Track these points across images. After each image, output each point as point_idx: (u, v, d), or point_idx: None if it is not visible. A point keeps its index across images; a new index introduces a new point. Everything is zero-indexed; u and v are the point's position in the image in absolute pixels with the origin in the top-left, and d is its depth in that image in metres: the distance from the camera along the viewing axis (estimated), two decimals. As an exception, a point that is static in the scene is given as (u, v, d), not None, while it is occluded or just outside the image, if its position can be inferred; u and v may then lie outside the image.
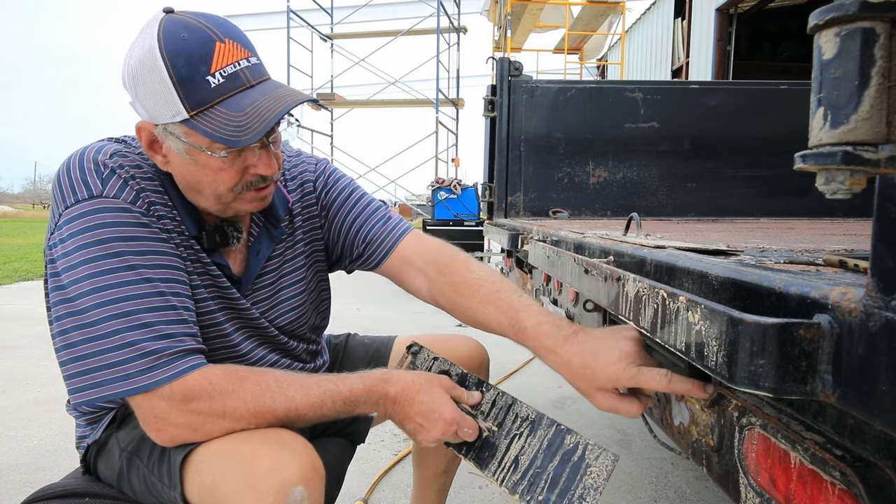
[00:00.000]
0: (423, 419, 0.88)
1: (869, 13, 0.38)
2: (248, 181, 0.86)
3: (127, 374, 0.76)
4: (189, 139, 0.81)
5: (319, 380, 0.86)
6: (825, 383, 0.45)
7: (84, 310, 0.77)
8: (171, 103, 0.78)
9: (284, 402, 0.82)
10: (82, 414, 0.98)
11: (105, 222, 0.79)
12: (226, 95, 0.79)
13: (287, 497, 0.74)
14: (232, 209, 0.89)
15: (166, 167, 0.86)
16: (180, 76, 0.76)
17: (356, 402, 0.87)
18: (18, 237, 13.21)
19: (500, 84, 2.51)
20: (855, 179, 0.40)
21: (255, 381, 0.82)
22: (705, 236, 1.23)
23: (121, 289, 0.78)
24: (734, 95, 2.55)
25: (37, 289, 6.01)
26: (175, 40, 0.77)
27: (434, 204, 6.27)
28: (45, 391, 2.84)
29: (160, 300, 0.80)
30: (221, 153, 0.82)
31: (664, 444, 1.15)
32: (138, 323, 0.77)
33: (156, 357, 0.77)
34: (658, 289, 0.64)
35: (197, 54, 0.77)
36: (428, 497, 1.39)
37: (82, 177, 0.81)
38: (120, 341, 0.76)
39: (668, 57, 9.72)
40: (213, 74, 0.78)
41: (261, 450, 0.77)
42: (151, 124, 0.82)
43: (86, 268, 0.78)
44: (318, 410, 0.84)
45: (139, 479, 0.89)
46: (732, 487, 0.67)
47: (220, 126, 0.78)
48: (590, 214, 2.55)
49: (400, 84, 11.61)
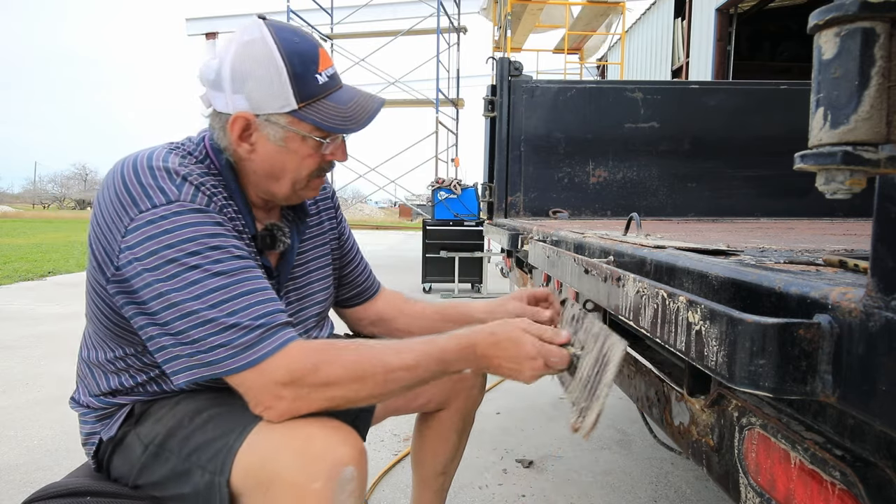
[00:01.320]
0: (510, 362, 0.92)
1: (869, 13, 0.38)
2: (321, 167, 0.98)
3: (234, 352, 0.81)
4: (293, 127, 0.92)
5: (410, 343, 0.91)
6: (825, 383, 0.45)
7: (179, 303, 0.81)
8: (283, 96, 0.89)
9: (382, 366, 0.86)
10: (91, 410, 0.98)
11: (187, 223, 0.84)
12: (329, 91, 0.93)
13: (339, 476, 0.79)
14: (297, 196, 1.00)
15: (250, 155, 0.94)
16: (295, 73, 0.89)
17: (448, 361, 0.91)
18: (18, 237, 13.21)
19: (500, 84, 2.52)
20: (855, 179, 0.40)
21: (352, 350, 0.87)
22: (705, 236, 1.23)
23: (210, 280, 0.82)
24: (734, 95, 2.55)
25: (37, 289, 6.02)
26: (289, 43, 0.90)
27: (434, 204, 6.27)
28: (45, 391, 2.84)
29: (248, 284, 0.85)
30: (324, 140, 0.94)
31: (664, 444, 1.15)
32: (234, 308, 0.82)
33: (258, 333, 0.82)
34: (658, 289, 0.64)
35: (308, 55, 0.91)
36: (427, 498, 1.39)
37: (156, 183, 0.85)
38: (220, 326, 0.81)
39: (668, 57, 9.72)
40: (320, 73, 0.92)
41: (314, 432, 0.82)
42: (251, 114, 0.91)
43: (172, 266, 0.81)
44: (414, 372, 0.88)
45: (167, 469, 0.90)
46: (732, 487, 0.67)
47: (328, 116, 0.91)
48: (590, 214, 2.55)
49: (400, 84, 11.61)
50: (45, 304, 5.16)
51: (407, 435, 2.33)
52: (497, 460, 2.16)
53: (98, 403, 0.97)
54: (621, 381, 1.11)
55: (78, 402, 1.01)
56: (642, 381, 1.09)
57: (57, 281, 6.62)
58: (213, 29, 14.11)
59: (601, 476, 2.04)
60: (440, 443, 1.35)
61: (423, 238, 6.08)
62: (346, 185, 22.77)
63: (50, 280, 6.69)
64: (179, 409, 0.92)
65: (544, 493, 1.92)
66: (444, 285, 6.19)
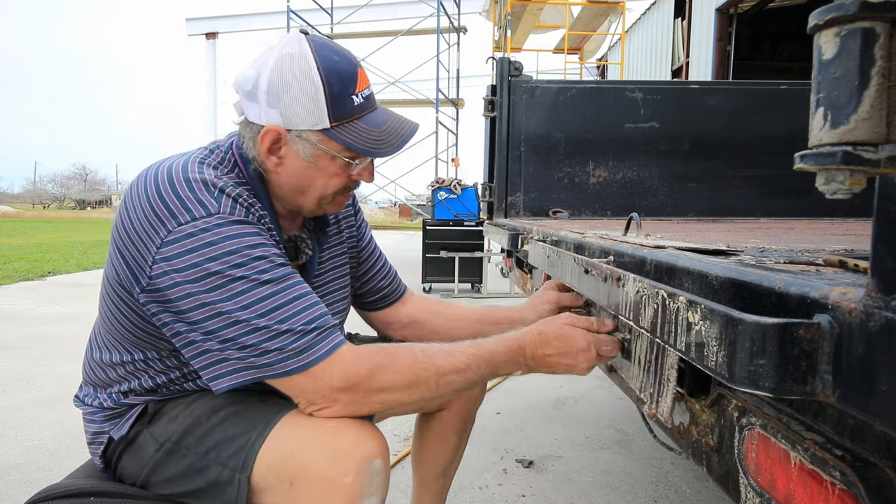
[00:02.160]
0: (564, 358, 0.93)
1: (869, 13, 0.38)
2: (347, 186, 0.98)
3: (286, 356, 0.81)
4: (323, 145, 0.92)
5: (460, 346, 0.91)
6: (825, 383, 0.45)
7: (226, 312, 0.81)
8: (317, 114, 0.89)
9: (435, 370, 0.86)
10: (101, 409, 0.98)
11: (229, 235, 0.84)
12: (363, 112, 0.93)
13: (369, 468, 0.81)
14: (321, 210, 1.01)
15: (277, 168, 0.94)
16: (333, 92, 0.89)
17: (497, 364, 0.92)
18: (18, 237, 13.21)
19: (500, 84, 2.51)
20: (855, 179, 0.40)
21: (404, 353, 0.87)
22: (705, 236, 1.23)
23: (256, 291, 0.82)
24: (734, 95, 2.55)
25: (37, 289, 6.02)
26: (329, 61, 0.89)
27: (434, 204, 6.27)
28: (45, 391, 2.84)
29: (294, 291, 0.85)
30: (355, 161, 0.94)
31: (664, 444, 1.15)
32: (283, 316, 0.82)
33: (310, 338, 0.82)
34: (658, 289, 0.64)
35: (347, 76, 0.91)
36: (427, 499, 1.39)
37: (194, 196, 0.85)
38: (271, 333, 0.81)
39: (668, 57, 9.72)
40: (356, 94, 0.92)
41: (342, 426, 0.83)
42: (283, 128, 0.91)
43: (217, 278, 0.81)
44: (464, 375, 0.89)
45: (181, 467, 0.90)
46: (732, 487, 0.67)
47: (360, 138, 0.91)
48: (590, 214, 2.55)
49: (400, 84, 11.61)
50: (45, 304, 5.16)
51: (407, 435, 2.33)
52: (497, 460, 2.16)
53: (109, 403, 0.97)
54: (621, 381, 1.11)
55: (83, 401, 1.01)
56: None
57: (57, 281, 6.62)
58: (213, 29, 14.11)
59: (601, 476, 2.04)
60: (440, 443, 1.35)
61: (423, 238, 6.08)
62: (346, 185, 22.71)
63: (50, 280, 6.69)
64: (196, 408, 0.93)
65: (544, 493, 1.92)
66: (444, 285, 6.19)
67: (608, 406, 2.75)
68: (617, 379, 1.12)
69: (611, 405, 2.76)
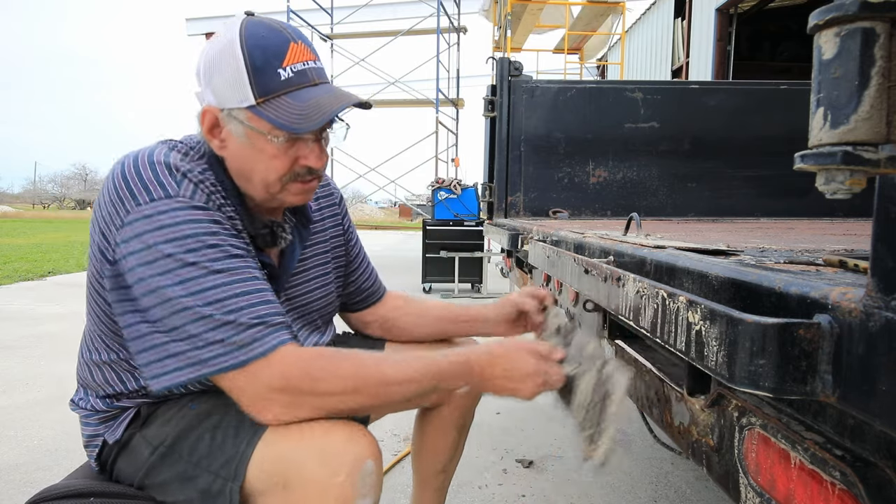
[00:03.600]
0: (509, 382, 0.92)
1: (869, 13, 0.38)
2: (296, 172, 0.93)
3: (228, 350, 0.79)
4: (252, 123, 0.88)
5: (408, 357, 0.90)
6: (825, 383, 0.45)
7: (172, 299, 0.80)
8: (241, 89, 0.86)
9: (377, 379, 0.85)
10: (94, 412, 0.98)
11: (185, 219, 0.83)
12: (292, 88, 0.87)
13: (361, 469, 0.79)
14: (277, 200, 0.96)
15: (221, 151, 0.92)
16: (254, 66, 0.85)
17: (444, 379, 0.90)
18: (18, 237, 13.21)
19: (500, 84, 2.51)
20: (855, 179, 0.40)
21: (349, 358, 0.85)
22: (705, 236, 1.23)
23: (206, 278, 0.81)
24: (734, 95, 2.55)
25: (37, 289, 6.02)
26: (255, 37, 0.86)
27: (434, 204, 6.27)
28: (45, 391, 2.84)
29: (245, 285, 0.83)
30: (280, 139, 0.89)
31: (664, 444, 1.15)
32: (230, 307, 0.81)
33: (253, 332, 0.80)
34: (658, 289, 0.64)
35: (272, 50, 0.86)
36: (427, 496, 1.39)
37: (156, 178, 0.84)
38: (216, 323, 0.79)
39: (668, 57, 9.72)
40: (284, 68, 0.87)
41: (332, 427, 0.82)
42: (217, 108, 0.89)
43: (168, 261, 0.80)
44: (408, 387, 0.87)
45: (174, 473, 0.90)
46: (732, 487, 0.67)
47: (283, 114, 0.86)
48: (590, 214, 2.55)
49: (400, 84, 11.61)
50: (45, 304, 5.16)
51: (407, 435, 2.33)
52: (497, 460, 2.16)
53: (102, 406, 0.97)
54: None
55: (78, 404, 1.01)
56: (642, 381, 1.09)
57: (57, 281, 6.62)
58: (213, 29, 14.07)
59: (601, 476, 2.04)
60: (440, 439, 1.34)
61: (423, 238, 6.08)
62: (346, 185, 22.67)
63: (50, 280, 6.69)
64: (189, 410, 0.92)
65: (544, 493, 1.92)
66: (444, 285, 6.19)
67: (608, 406, 2.75)
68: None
69: (611, 405, 2.76)
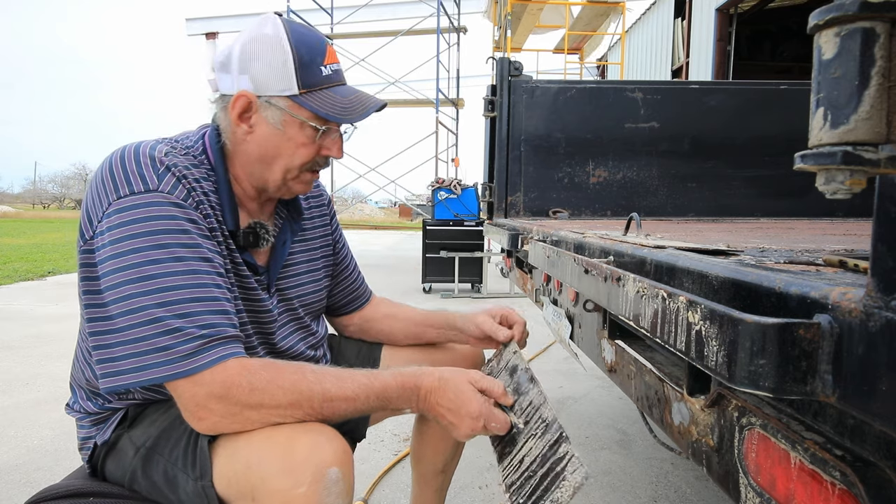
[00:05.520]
0: (452, 415, 0.91)
1: (869, 13, 0.38)
2: (316, 161, 0.99)
3: (171, 359, 0.79)
4: (292, 111, 0.93)
5: (353, 373, 0.89)
6: (825, 383, 0.45)
7: (130, 296, 0.80)
8: (287, 80, 0.91)
9: (321, 392, 0.84)
10: (86, 415, 0.98)
11: (158, 215, 0.83)
12: (333, 84, 0.96)
13: (324, 478, 0.78)
14: (286, 188, 1.00)
15: (246, 137, 0.95)
16: (301, 60, 0.92)
17: (389, 398, 0.90)
18: (18, 237, 13.20)
19: (500, 84, 2.51)
20: (855, 179, 0.40)
21: (293, 372, 0.85)
22: (705, 236, 1.23)
23: (167, 279, 0.81)
24: (734, 95, 2.55)
25: (37, 289, 6.02)
26: (298, 34, 0.94)
27: (434, 204, 6.26)
28: (45, 391, 2.84)
29: (204, 291, 0.84)
30: (321, 127, 0.95)
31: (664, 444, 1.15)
32: (183, 312, 0.81)
33: (199, 343, 0.80)
34: (658, 289, 0.64)
35: (316, 48, 0.94)
36: (427, 496, 1.39)
37: (138, 171, 0.85)
38: (165, 327, 0.79)
39: (668, 57, 9.72)
40: (325, 66, 0.95)
41: (296, 434, 0.81)
42: (253, 94, 0.92)
43: (134, 256, 0.81)
44: (352, 404, 0.87)
45: (159, 474, 0.90)
46: (732, 487, 0.67)
47: (326, 105, 0.93)
48: (590, 214, 2.55)
49: (400, 84, 11.61)
50: (45, 304, 5.16)
51: (407, 435, 2.32)
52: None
53: (93, 408, 0.97)
54: (621, 381, 1.11)
55: (73, 407, 1.01)
56: (642, 381, 1.09)
57: (57, 281, 6.61)
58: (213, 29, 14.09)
59: (601, 476, 2.04)
60: (440, 439, 1.35)
61: (423, 238, 6.08)
62: (346, 185, 22.77)
63: (50, 280, 6.69)
64: (173, 412, 0.92)
65: (544, 493, 1.92)
66: (444, 285, 6.19)
67: (608, 406, 2.75)
68: (617, 379, 1.12)
69: (611, 405, 2.76)
